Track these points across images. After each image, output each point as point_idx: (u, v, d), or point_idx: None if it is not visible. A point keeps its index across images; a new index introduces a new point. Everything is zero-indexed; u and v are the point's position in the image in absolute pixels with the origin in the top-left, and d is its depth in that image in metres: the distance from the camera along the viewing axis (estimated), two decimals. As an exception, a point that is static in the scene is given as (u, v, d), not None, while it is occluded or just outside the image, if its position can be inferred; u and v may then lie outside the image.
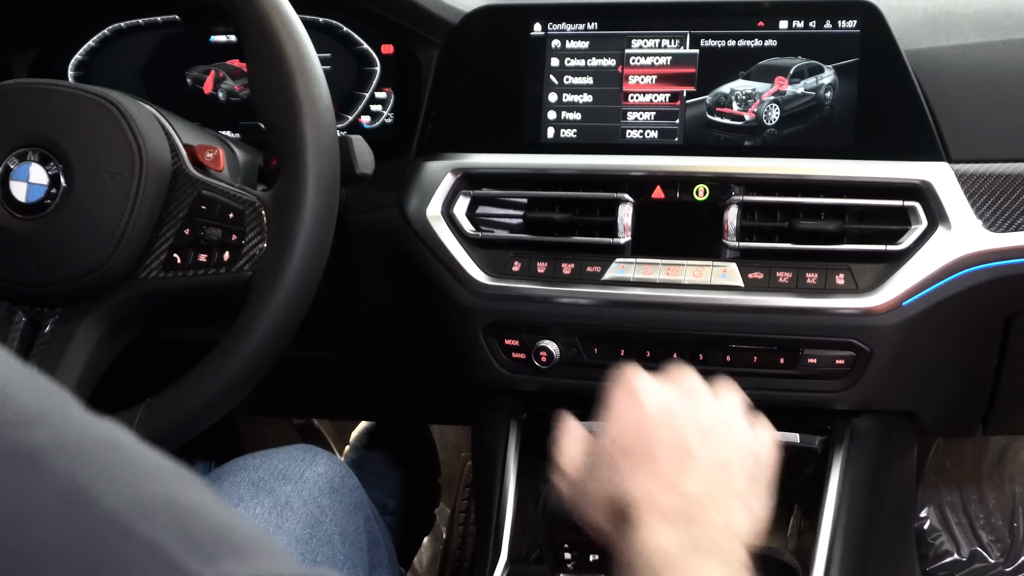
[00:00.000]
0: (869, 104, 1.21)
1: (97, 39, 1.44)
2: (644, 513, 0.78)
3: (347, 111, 1.38)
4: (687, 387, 0.91)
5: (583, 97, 1.28)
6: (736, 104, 1.24)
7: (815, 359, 1.21)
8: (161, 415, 1.03)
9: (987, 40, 1.24)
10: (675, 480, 0.81)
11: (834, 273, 1.20)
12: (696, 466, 0.82)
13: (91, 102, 1.06)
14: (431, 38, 1.34)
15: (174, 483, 0.47)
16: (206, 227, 1.04)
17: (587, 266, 1.25)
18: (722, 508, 0.81)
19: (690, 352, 1.24)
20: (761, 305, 1.20)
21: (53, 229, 1.03)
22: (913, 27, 1.25)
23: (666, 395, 0.89)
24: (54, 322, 1.06)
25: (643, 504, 0.79)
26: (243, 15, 1.06)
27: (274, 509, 1.08)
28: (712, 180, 1.23)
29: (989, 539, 1.90)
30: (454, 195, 1.29)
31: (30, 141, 1.04)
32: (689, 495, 0.80)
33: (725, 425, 0.89)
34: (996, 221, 1.17)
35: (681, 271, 1.23)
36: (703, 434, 0.85)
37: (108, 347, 1.08)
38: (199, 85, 1.41)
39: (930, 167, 1.19)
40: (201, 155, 1.08)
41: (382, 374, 1.51)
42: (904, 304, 1.17)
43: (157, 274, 1.05)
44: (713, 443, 0.85)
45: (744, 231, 1.22)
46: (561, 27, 1.29)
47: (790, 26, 1.24)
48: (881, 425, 1.30)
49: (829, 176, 1.21)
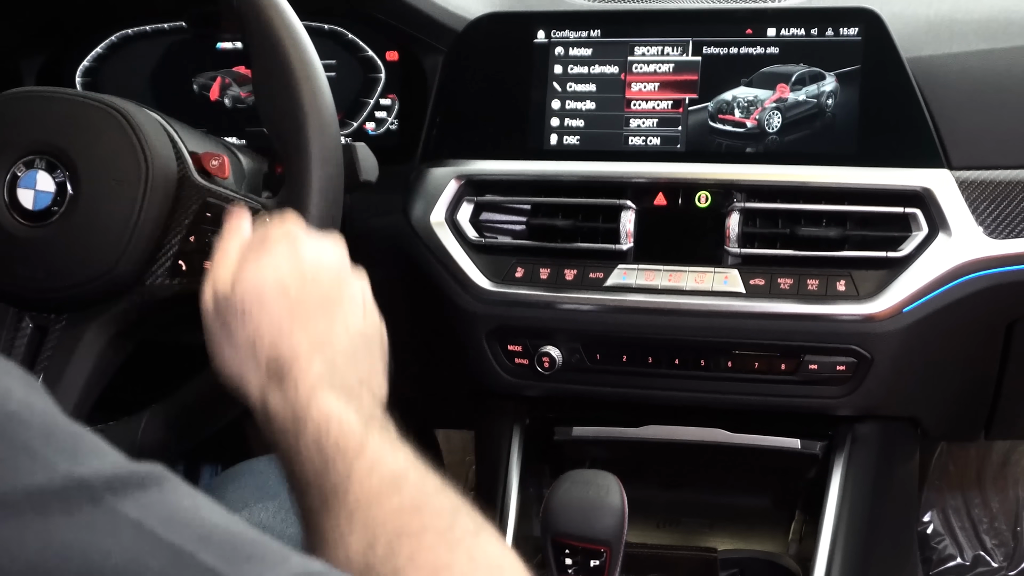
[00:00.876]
0: (870, 111, 1.21)
1: (105, 46, 1.45)
2: (299, 373, 0.78)
3: (352, 117, 1.39)
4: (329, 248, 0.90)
5: (586, 104, 1.29)
6: (738, 111, 1.25)
7: (816, 365, 1.21)
8: (165, 421, 1.03)
9: (988, 47, 1.24)
10: (327, 340, 0.82)
11: (835, 279, 1.20)
12: (347, 334, 0.83)
13: (98, 110, 1.07)
14: (436, 45, 1.35)
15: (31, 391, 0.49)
16: (211, 234, 1.05)
17: (590, 272, 1.26)
18: (366, 373, 0.83)
19: (692, 358, 1.25)
20: (762, 311, 1.21)
21: (60, 236, 1.04)
22: (915, 34, 1.25)
23: (325, 250, 0.89)
24: (61, 328, 1.07)
25: (297, 362, 0.79)
26: (248, 24, 1.07)
27: (279, 513, 1.09)
28: (714, 187, 1.24)
29: (992, 543, 1.90)
30: (458, 201, 1.30)
31: (37, 148, 1.05)
32: (339, 355, 0.81)
33: (367, 297, 0.90)
34: (997, 228, 1.18)
35: (683, 277, 1.23)
36: (353, 305, 0.86)
37: (114, 353, 1.09)
38: (205, 91, 1.42)
39: (931, 174, 1.19)
40: (206, 163, 1.09)
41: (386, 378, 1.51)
42: (905, 310, 1.18)
43: (163, 281, 1.06)
44: (359, 314, 0.87)
45: (746, 237, 1.23)
46: (564, 34, 1.30)
47: (792, 33, 1.24)
48: (883, 431, 1.30)
49: (830, 183, 1.22)
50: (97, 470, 0.47)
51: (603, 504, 1.05)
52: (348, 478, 0.71)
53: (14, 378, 0.48)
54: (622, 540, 1.05)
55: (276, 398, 0.79)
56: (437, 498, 0.71)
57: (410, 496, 0.70)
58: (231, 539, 0.50)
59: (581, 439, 1.33)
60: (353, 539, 0.68)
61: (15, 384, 0.48)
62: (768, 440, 1.29)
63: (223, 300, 0.85)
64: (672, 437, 1.32)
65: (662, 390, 1.28)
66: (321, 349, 0.81)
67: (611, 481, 1.07)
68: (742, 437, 1.29)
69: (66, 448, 0.47)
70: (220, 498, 1.08)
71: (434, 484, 0.72)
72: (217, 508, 0.52)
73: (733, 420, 1.30)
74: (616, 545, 1.05)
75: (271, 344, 0.81)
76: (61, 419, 0.48)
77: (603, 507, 1.05)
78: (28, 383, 0.49)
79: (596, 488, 1.06)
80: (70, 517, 0.45)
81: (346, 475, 0.71)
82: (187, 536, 0.48)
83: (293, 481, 0.76)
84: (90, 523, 0.45)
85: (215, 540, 0.49)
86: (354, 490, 0.70)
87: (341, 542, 0.69)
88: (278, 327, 0.81)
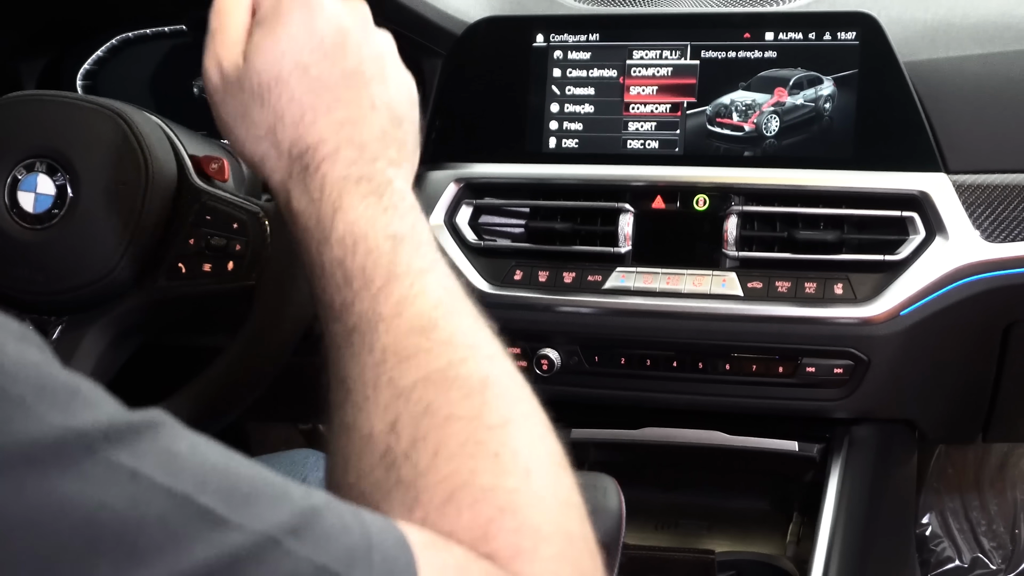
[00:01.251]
0: (868, 115, 1.22)
1: (105, 49, 1.45)
2: (327, 166, 0.72)
3: (351, 120, 1.39)
4: (346, 7, 0.79)
5: (584, 107, 1.30)
6: (736, 115, 1.25)
7: (814, 368, 1.22)
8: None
9: (985, 52, 1.25)
10: (354, 123, 0.74)
11: (833, 283, 1.21)
12: (374, 110, 0.76)
13: (98, 113, 1.07)
14: (435, 48, 1.35)
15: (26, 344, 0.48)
16: (211, 237, 1.06)
17: (588, 275, 1.26)
18: (398, 151, 0.76)
19: (690, 360, 1.26)
20: (760, 314, 1.21)
21: (60, 239, 1.04)
22: (912, 38, 1.26)
23: (345, 14, 0.78)
24: (61, 330, 1.07)
25: (324, 152, 0.73)
26: (248, 28, 1.07)
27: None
28: (712, 190, 1.25)
29: (990, 545, 1.91)
30: (457, 204, 1.30)
31: (38, 152, 1.05)
32: (369, 137, 0.75)
33: (394, 60, 0.81)
34: (993, 231, 1.18)
35: (681, 280, 1.24)
36: (381, 73, 0.78)
37: (114, 355, 1.09)
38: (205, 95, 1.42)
39: (928, 178, 1.20)
40: (206, 166, 1.10)
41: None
42: (902, 313, 1.19)
43: (162, 283, 1.06)
44: (388, 82, 0.78)
45: (744, 241, 1.23)
46: (563, 38, 1.30)
47: (790, 38, 1.25)
48: (880, 433, 1.31)
49: (828, 187, 1.22)
50: (92, 421, 0.46)
51: (601, 506, 1.05)
52: (373, 321, 0.65)
53: (7, 332, 0.47)
54: (620, 542, 1.05)
55: (300, 195, 0.72)
56: (469, 364, 0.64)
57: (440, 353, 0.64)
58: (230, 479, 0.49)
59: (579, 441, 1.33)
60: (376, 410, 0.62)
61: (7, 338, 0.47)
62: (766, 442, 1.29)
63: (233, 75, 0.76)
64: (670, 439, 1.33)
65: (660, 392, 1.28)
66: (349, 133, 0.74)
67: (609, 483, 1.07)
68: (740, 439, 1.30)
69: (60, 401, 0.46)
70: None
71: (467, 321, 0.67)
72: (216, 447, 0.51)
73: (731, 422, 1.30)
74: (614, 547, 1.05)
75: (293, 129, 0.74)
76: (57, 371, 0.48)
77: (601, 509, 1.05)
78: (23, 335, 0.48)
79: (594, 490, 1.06)
80: (65, 470, 0.44)
81: (371, 314, 0.66)
82: (185, 480, 0.47)
83: (319, 308, 0.70)
84: (86, 474, 0.45)
85: (213, 481, 0.48)
86: (381, 337, 0.65)
87: (364, 409, 0.63)
88: (300, 110, 0.74)
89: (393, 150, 0.76)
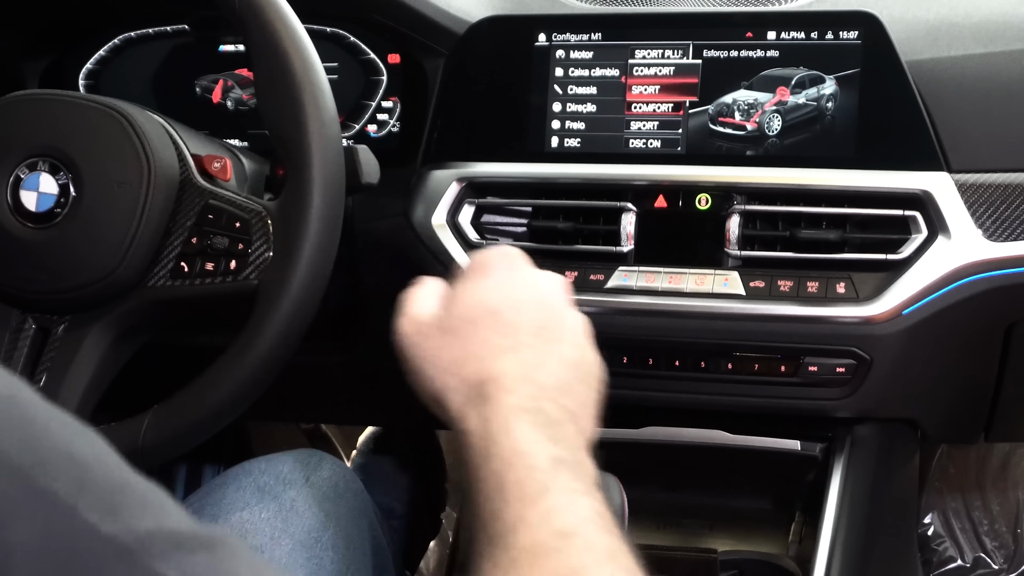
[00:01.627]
0: (870, 114, 1.22)
1: (108, 48, 1.46)
2: (502, 396, 0.77)
3: (354, 120, 1.39)
4: (549, 278, 0.89)
5: (587, 107, 1.30)
6: (738, 114, 1.25)
7: (816, 367, 1.22)
8: (168, 422, 1.04)
9: (988, 51, 1.25)
10: (537, 367, 0.80)
11: (835, 282, 1.21)
12: (560, 363, 0.82)
13: (100, 112, 1.07)
14: (437, 48, 1.35)
15: (76, 439, 0.49)
16: (213, 236, 1.06)
17: (591, 274, 1.26)
18: (575, 407, 0.81)
19: (692, 359, 1.26)
20: (762, 313, 1.21)
21: (63, 238, 1.05)
22: (914, 37, 1.26)
23: (544, 279, 0.88)
24: (63, 329, 1.08)
25: (502, 385, 0.78)
26: (250, 28, 1.07)
27: (279, 514, 1.09)
28: (714, 189, 1.25)
29: (992, 545, 1.91)
30: (459, 204, 1.30)
31: (40, 151, 1.06)
32: (549, 384, 0.80)
33: (588, 338, 0.88)
34: (996, 231, 1.18)
35: (683, 279, 1.24)
36: (574, 340, 0.85)
37: (116, 354, 1.09)
38: (208, 94, 1.43)
39: (930, 177, 1.20)
40: (209, 165, 1.10)
41: (390, 380, 1.50)
42: (904, 313, 1.18)
43: (165, 282, 1.06)
44: (580, 350, 0.85)
45: (746, 240, 1.23)
46: (565, 37, 1.30)
47: (792, 37, 1.25)
48: (882, 433, 1.31)
49: (830, 186, 1.22)
50: (152, 528, 0.47)
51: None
52: (517, 525, 0.69)
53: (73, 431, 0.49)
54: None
55: (474, 418, 0.77)
56: (600, 568, 0.67)
57: (572, 561, 0.67)
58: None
59: (581, 440, 1.33)
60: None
61: (73, 436, 0.48)
62: (768, 442, 1.29)
63: (429, 321, 0.85)
64: (672, 438, 1.33)
65: (662, 391, 1.28)
66: (530, 375, 0.79)
67: (611, 482, 1.07)
68: (742, 439, 1.30)
69: (123, 505, 0.47)
70: (221, 498, 1.09)
71: (605, 548, 0.69)
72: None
73: (733, 422, 1.30)
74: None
75: (479, 363, 0.80)
76: (131, 477, 0.49)
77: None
78: (94, 442, 0.49)
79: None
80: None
81: (517, 520, 0.69)
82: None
83: (474, 510, 0.74)
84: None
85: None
86: (519, 541, 0.68)
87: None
88: (488, 347, 0.81)
89: (570, 401, 0.80)
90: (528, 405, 0.77)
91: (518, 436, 0.75)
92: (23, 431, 0.47)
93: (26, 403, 0.49)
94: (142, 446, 1.03)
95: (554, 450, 0.74)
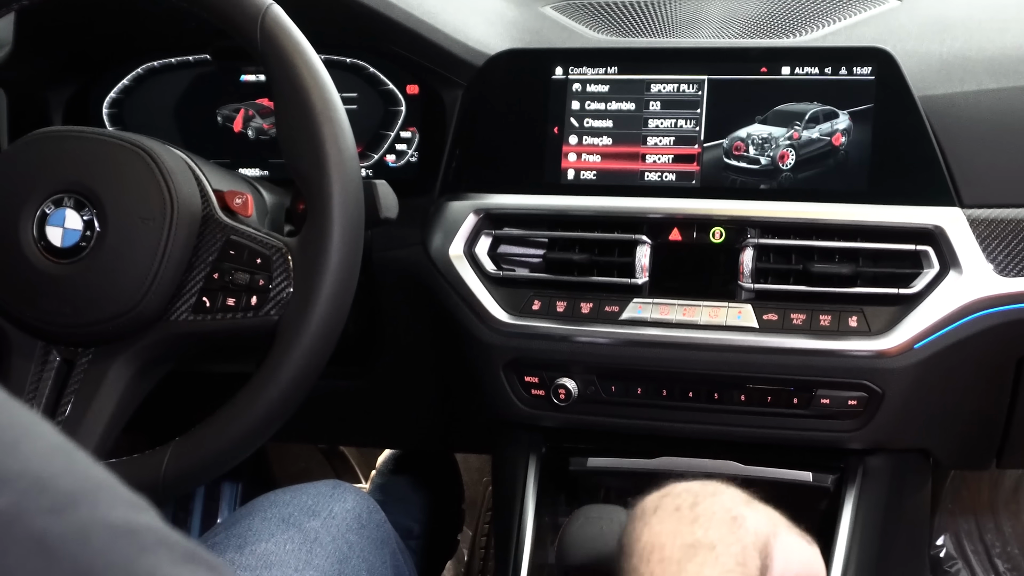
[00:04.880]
0: (883, 149, 1.23)
1: (131, 77, 1.48)
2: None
3: (373, 150, 1.41)
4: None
5: (603, 140, 1.31)
6: (752, 148, 1.27)
7: (828, 399, 1.23)
8: (188, 456, 1.06)
9: (1000, 86, 1.26)
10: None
11: (847, 315, 1.22)
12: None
13: (124, 149, 1.09)
14: (456, 79, 1.37)
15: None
16: (234, 272, 1.07)
17: (605, 305, 1.27)
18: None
19: (705, 391, 1.27)
20: (775, 346, 1.22)
21: (87, 272, 1.07)
22: (927, 72, 1.27)
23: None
24: (88, 362, 1.10)
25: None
26: (270, 62, 1.09)
27: (304, 545, 1.11)
28: (728, 223, 1.26)
29: (1005, 567, 1.91)
30: (476, 234, 1.32)
31: (65, 187, 1.08)
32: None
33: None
34: (1007, 266, 1.19)
35: (697, 312, 1.25)
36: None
37: (139, 386, 1.11)
38: (229, 123, 1.45)
39: (942, 212, 1.21)
40: (230, 201, 1.11)
41: (407, 405, 1.54)
42: (916, 347, 1.19)
43: (187, 317, 1.08)
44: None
45: (759, 273, 1.24)
46: (582, 71, 1.32)
47: (806, 72, 1.26)
48: (894, 462, 1.32)
49: (843, 220, 1.23)
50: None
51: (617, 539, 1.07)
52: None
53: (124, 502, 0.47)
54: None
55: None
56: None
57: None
58: None
59: (596, 470, 1.35)
60: None
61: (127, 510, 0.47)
62: (780, 472, 1.30)
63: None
64: (686, 469, 1.33)
65: (676, 422, 1.30)
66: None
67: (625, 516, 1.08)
68: (754, 469, 1.30)
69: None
70: (247, 528, 1.11)
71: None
72: None
73: (746, 452, 1.31)
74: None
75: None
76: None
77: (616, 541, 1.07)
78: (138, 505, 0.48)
79: (610, 523, 1.08)
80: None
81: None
82: None
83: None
84: None
85: None
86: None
87: None
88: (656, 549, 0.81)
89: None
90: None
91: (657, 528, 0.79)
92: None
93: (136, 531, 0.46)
94: (163, 479, 1.05)
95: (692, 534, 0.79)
